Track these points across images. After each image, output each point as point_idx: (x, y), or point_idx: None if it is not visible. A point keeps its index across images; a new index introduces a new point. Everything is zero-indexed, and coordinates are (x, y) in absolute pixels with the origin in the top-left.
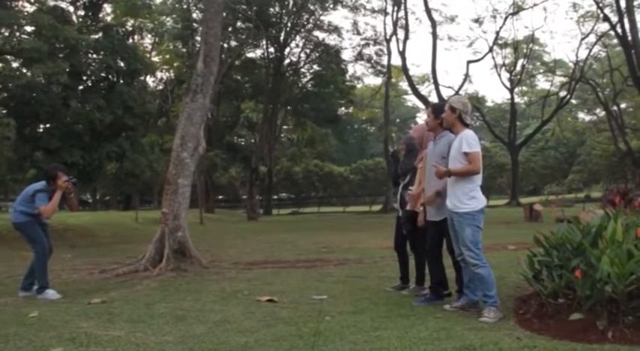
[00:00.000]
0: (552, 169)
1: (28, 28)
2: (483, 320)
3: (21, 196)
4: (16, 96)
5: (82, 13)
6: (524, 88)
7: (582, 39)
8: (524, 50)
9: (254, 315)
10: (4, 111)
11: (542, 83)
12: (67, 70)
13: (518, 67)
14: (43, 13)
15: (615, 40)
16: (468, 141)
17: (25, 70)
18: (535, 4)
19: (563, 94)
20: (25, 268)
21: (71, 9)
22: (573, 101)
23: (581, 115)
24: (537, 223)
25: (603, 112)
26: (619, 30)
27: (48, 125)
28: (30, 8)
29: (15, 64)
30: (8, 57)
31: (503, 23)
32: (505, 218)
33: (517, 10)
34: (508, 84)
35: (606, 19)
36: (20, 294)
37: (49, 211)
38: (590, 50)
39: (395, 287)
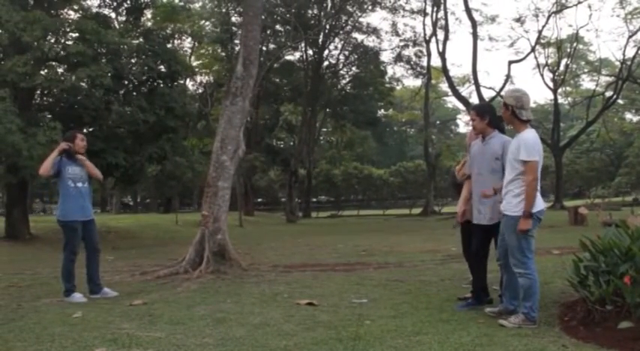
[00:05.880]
0: (598, 172)
1: (73, 35)
2: (501, 322)
3: None
4: (60, 100)
5: (123, 18)
6: (568, 89)
7: (630, 36)
8: (568, 49)
9: (293, 318)
10: (50, 115)
11: (587, 83)
12: (110, 73)
13: (562, 67)
14: (87, 20)
15: None
16: (527, 147)
17: (69, 75)
18: (579, 2)
19: (609, 94)
20: (84, 274)
21: (113, 15)
22: (620, 101)
23: (628, 115)
24: (582, 226)
25: None
26: None
27: (91, 129)
28: (74, 15)
29: (60, 70)
30: (54, 63)
31: (546, 22)
32: (549, 222)
33: (560, 8)
34: (551, 84)
35: None
36: (93, 297)
37: (41, 166)
38: (639, 48)
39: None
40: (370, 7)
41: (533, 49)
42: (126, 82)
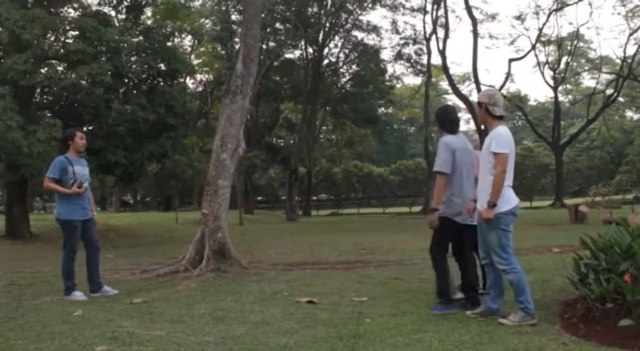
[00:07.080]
0: (598, 170)
1: (73, 33)
2: (501, 321)
3: None
4: (60, 98)
5: (123, 16)
6: (569, 86)
7: (630, 34)
8: (569, 47)
9: (294, 316)
10: (50, 114)
11: (588, 81)
12: (110, 71)
13: (562, 65)
14: (87, 18)
15: None
16: (498, 140)
17: (69, 73)
18: None
19: (609, 91)
20: (84, 272)
21: (113, 13)
22: (621, 99)
23: (629, 113)
24: (583, 224)
25: None
26: None
27: (91, 127)
28: (74, 13)
29: (60, 68)
30: (53, 61)
31: (547, 20)
32: (549, 220)
33: (561, 6)
34: (552, 82)
35: None
36: (93, 295)
37: (46, 184)
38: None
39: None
40: (370, 5)
41: (533, 47)
42: (126, 80)
